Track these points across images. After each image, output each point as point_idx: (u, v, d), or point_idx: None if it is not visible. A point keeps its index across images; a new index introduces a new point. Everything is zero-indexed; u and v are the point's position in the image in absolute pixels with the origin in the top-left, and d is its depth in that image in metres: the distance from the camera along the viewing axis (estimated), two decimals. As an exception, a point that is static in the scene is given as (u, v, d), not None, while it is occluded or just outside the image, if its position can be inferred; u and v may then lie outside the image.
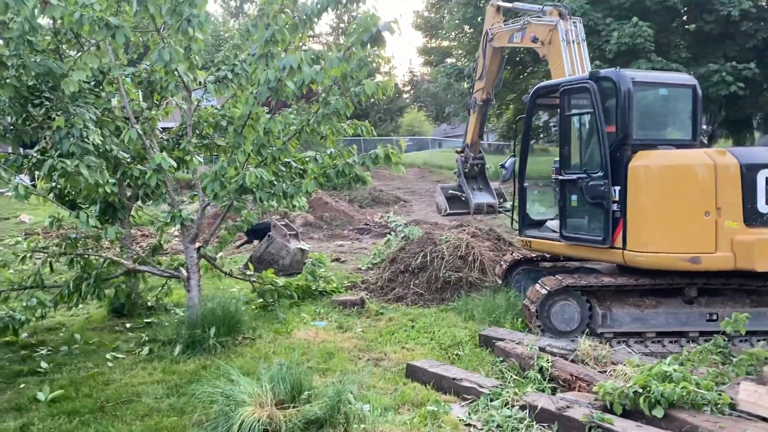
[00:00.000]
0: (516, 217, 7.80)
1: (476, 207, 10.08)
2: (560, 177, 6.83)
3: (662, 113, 7.05)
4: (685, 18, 25.91)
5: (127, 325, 7.30)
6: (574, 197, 6.69)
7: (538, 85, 7.58)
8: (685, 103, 6.75)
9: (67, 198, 7.17)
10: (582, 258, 7.12)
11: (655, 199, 5.93)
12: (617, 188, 6.14)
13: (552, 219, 7.59)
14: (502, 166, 7.95)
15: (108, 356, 6.10)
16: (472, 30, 28.56)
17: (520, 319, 6.76)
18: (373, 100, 6.67)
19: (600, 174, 6.23)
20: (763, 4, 24.82)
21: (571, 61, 7.90)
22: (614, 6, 22.44)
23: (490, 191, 10.42)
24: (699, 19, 23.37)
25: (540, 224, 7.68)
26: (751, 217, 5.72)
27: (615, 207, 6.15)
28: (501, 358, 5.67)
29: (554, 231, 7.17)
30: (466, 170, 10.38)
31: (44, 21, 6.15)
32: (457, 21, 28.08)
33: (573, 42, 8.02)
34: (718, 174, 5.72)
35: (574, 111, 6.83)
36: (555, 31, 8.10)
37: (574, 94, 6.74)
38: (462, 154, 10.58)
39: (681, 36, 25.10)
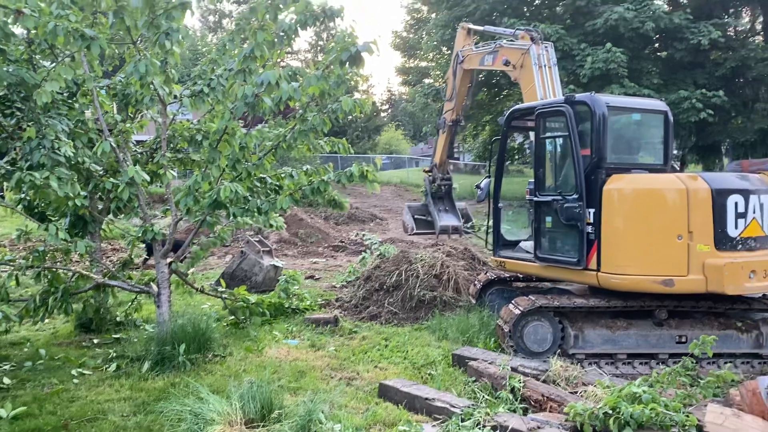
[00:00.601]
0: (490, 237, 7.84)
1: (441, 229, 10.19)
2: (535, 198, 6.89)
3: (635, 138, 7.18)
4: (657, 45, 26.63)
5: (95, 341, 7.15)
6: (548, 219, 6.73)
7: (513, 108, 7.66)
8: (657, 129, 6.88)
9: (36, 210, 7.03)
10: (556, 279, 7.16)
11: (628, 222, 6.01)
12: (592, 210, 6.21)
13: (526, 240, 7.65)
14: (478, 186, 7.99)
15: (74, 372, 5.96)
16: (449, 51, 28.86)
17: (493, 339, 6.77)
18: (350, 117, 6.71)
19: (575, 196, 6.29)
20: (731, 34, 25.59)
21: (543, 84, 8.02)
22: (588, 32, 22.93)
23: (456, 213, 10.51)
24: (670, 47, 24.02)
25: (514, 245, 7.72)
26: (722, 241, 5.83)
27: (589, 229, 6.21)
28: (474, 378, 5.66)
29: (528, 252, 7.22)
30: (434, 190, 10.44)
31: (18, 30, 6.08)
32: (434, 42, 28.43)
33: (545, 66, 8.15)
34: (690, 198, 5.81)
35: (549, 134, 6.91)
36: (527, 55, 8.23)
37: (549, 117, 6.83)
38: (430, 174, 10.64)
39: (653, 63, 25.74)
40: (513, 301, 6.58)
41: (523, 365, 5.66)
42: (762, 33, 27.32)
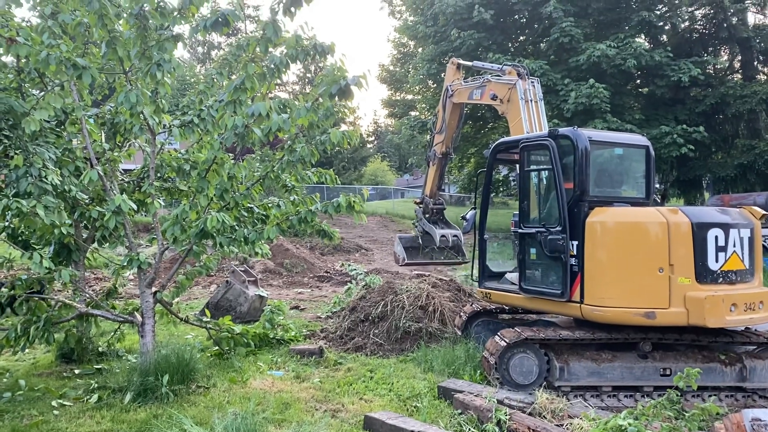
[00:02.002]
0: (476, 268, 7.88)
1: (441, 237, 10.09)
2: (519, 230, 6.96)
3: (617, 172, 7.30)
4: (638, 82, 27.23)
5: (76, 371, 7.04)
6: (533, 250, 6.79)
7: (498, 141, 7.77)
8: (639, 163, 7.02)
9: (20, 238, 6.97)
10: (540, 311, 7.19)
11: (611, 255, 6.08)
12: (575, 243, 6.28)
13: (511, 271, 7.69)
14: (464, 218, 8.04)
15: (54, 404, 5.85)
16: (435, 85, 29.35)
17: (479, 371, 6.76)
18: (338, 148, 6.76)
19: (558, 228, 6.37)
20: (711, 72, 26.23)
21: (529, 118, 8.17)
22: (572, 68, 23.41)
23: (453, 226, 10.53)
24: (651, 84, 24.56)
25: (499, 276, 7.76)
26: (703, 274, 5.90)
27: (573, 261, 6.27)
28: (459, 411, 5.64)
29: (513, 283, 7.26)
30: (427, 215, 10.51)
31: (8, 59, 6.12)
32: (421, 76, 28.83)
33: (531, 101, 8.31)
34: (670, 231, 5.90)
35: (533, 167, 7.01)
36: (514, 89, 8.39)
37: (533, 150, 6.94)
38: (420, 206, 10.70)
39: (635, 98, 26.30)
40: (499, 333, 6.58)
41: (509, 398, 5.65)
42: (740, 71, 28.04)
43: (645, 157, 6.97)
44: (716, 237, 5.96)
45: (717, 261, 5.95)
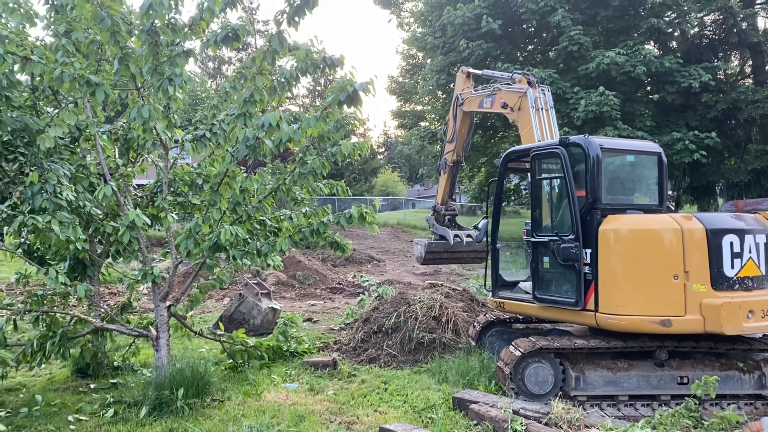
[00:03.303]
0: (489, 278, 7.84)
1: (455, 237, 10.07)
2: (532, 239, 6.93)
3: (630, 179, 7.25)
4: (648, 88, 27.13)
5: (92, 386, 7.07)
6: (545, 259, 6.76)
7: (509, 150, 7.75)
8: (651, 170, 6.98)
9: (35, 254, 7.04)
10: (555, 320, 7.14)
11: (625, 262, 6.03)
12: (588, 251, 6.24)
13: (524, 280, 7.66)
14: (476, 227, 8.00)
15: (70, 418, 5.87)
16: (444, 95, 29.39)
17: (494, 382, 6.72)
18: (348, 160, 6.79)
19: (571, 237, 6.34)
20: (722, 77, 26.11)
21: (540, 127, 8.15)
22: (581, 76, 23.37)
23: (466, 228, 10.51)
24: (662, 90, 24.47)
25: (513, 285, 7.72)
26: (718, 280, 5.85)
27: (587, 269, 6.23)
28: (475, 422, 5.61)
29: (527, 292, 7.22)
30: (440, 222, 10.52)
31: (22, 77, 6.21)
32: (430, 87, 28.91)
33: (542, 109, 8.30)
34: (685, 238, 5.86)
35: (544, 175, 6.99)
36: (524, 98, 8.39)
37: (544, 159, 6.92)
38: (434, 214, 10.73)
39: (645, 105, 26.20)
40: (513, 343, 6.55)
41: (525, 408, 5.61)
42: (751, 76, 27.90)
43: (657, 163, 6.93)
44: (731, 243, 5.90)
45: (733, 267, 5.89)
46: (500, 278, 7.71)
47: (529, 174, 7.35)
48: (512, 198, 32.84)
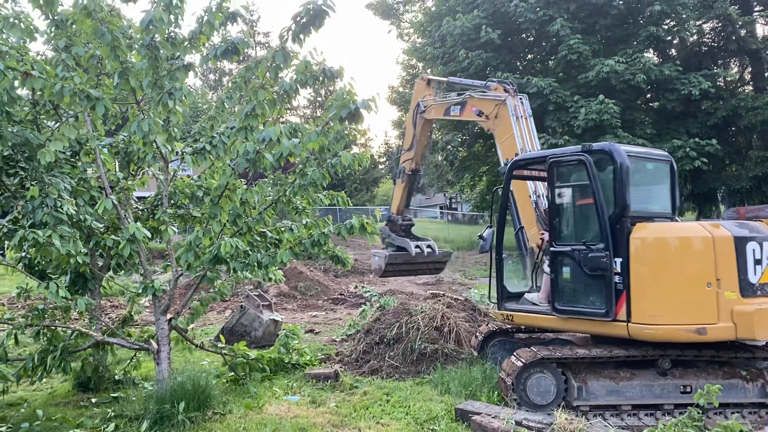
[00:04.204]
0: (492, 289, 7.63)
1: (416, 248, 9.76)
2: (552, 249, 6.70)
3: (648, 187, 7.06)
4: (648, 96, 27.16)
5: (93, 400, 7.04)
6: (566, 269, 6.53)
7: (517, 157, 7.53)
8: (665, 177, 6.89)
9: (36, 268, 7.04)
10: (577, 331, 6.88)
11: (659, 271, 5.93)
12: (618, 260, 6.09)
13: (529, 291, 7.52)
14: (480, 237, 7.69)
15: (71, 433, 5.86)
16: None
17: (496, 392, 6.69)
18: (349, 170, 6.80)
19: (601, 245, 6.18)
20: (721, 84, 26.16)
21: (521, 135, 8.07)
22: (581, 84, 23.42)
23: (425, 239, 10.24)
24: (662, 98, 24.51)
25: (517, 296, 7.51)
26: (745, 287, 5.83)
27: (617, 279, 6.08)
28: (477, 433, 5.58)
29: (534, 303, 7.09)
30: (396, 232, 10.22)
31: (23, 92, 6.24)
32: (430, 96, 28.89)
33: (521, 117, 8.24)
34: (716, 246, 5.84)
35: (564, 183, 6.77)
36: (503, 106, 8.29)
37: (565, 166, 6.72)
38: (389, 224, 10.43)
39: (645, 113, 26.21)
40: (515, 353, 6.51)
41: (528, 419, 5.58)
42: (751, 83, 27.93)
43: (670, 171, 6.90)
44: (753, 250, 5.92)
45: (755, 274, 5.90)
46: (505, 290, 7.46)
47: (535, 182, 7.26)
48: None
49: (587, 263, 6.26)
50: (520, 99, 8.41)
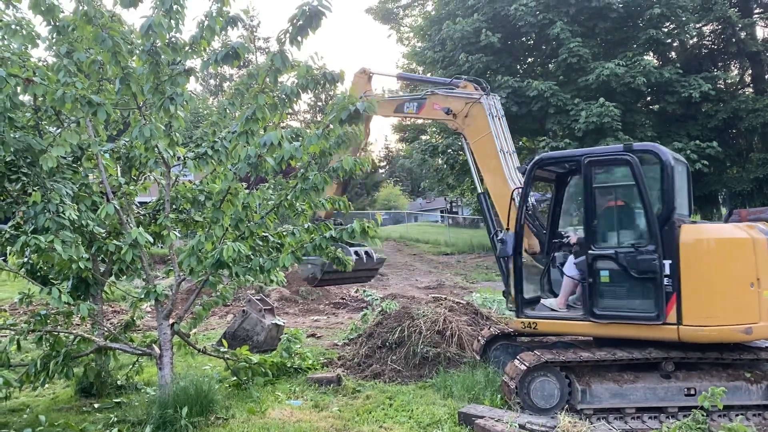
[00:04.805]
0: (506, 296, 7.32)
1: (355, 254, 9.14)
2: (590, 252, 6.47)
3: (679, 189, 6.79)
4: (648, 99, 27.18)
5: (96, 405, 7.04)
6: (604, 273, 6.36)
7: (540, 156, 7.11)
8: (685, 180, 6.88)
9: (38, 273, 7.04)
10: (618, 337, 6.50)
11: (710, 273, 5.94)
12: (668, 262, 6.02)
13: (545, 297, 7.30)
14: (500, 240, 7.17)
15: (73, 439, 5.85)
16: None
17: (499, 396, 6.67)
18: (350, 175, 6.81)
19: (651, 248, 6.10)
20: (722, 86, 26.17)
21: (497, 135, 7.91)
22: (581, 87, 23.44)
23: (359, 244, 9.84)
24: (662, 101, 24.52)
25: (533, 302, 7.24)
26: None
27: (666, 281, 6.01)
28: (481, 437, 5.56)
29: (553, 309, 6.94)
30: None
31: (25, 98, 6.26)
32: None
33: (496, 116, 8.07)
34: (756, 247, 5.90)
35: (603, 183, 6.59)
36: (477, 105, 8.07)
37: (604, 166, 6.56)
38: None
39: (646, 116, 26.24)
40: (518, 357, 6.50)
41: (531, 422, 5.57)
42: (751, 85, 27.96)
43: (686, 173, 6.91)
44: None
45: None
46: (522, 296, 7.07)
47: (555, 184, 7.14)
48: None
49: (636, 266, 6.14)
50: (494, 98, 8.22)
